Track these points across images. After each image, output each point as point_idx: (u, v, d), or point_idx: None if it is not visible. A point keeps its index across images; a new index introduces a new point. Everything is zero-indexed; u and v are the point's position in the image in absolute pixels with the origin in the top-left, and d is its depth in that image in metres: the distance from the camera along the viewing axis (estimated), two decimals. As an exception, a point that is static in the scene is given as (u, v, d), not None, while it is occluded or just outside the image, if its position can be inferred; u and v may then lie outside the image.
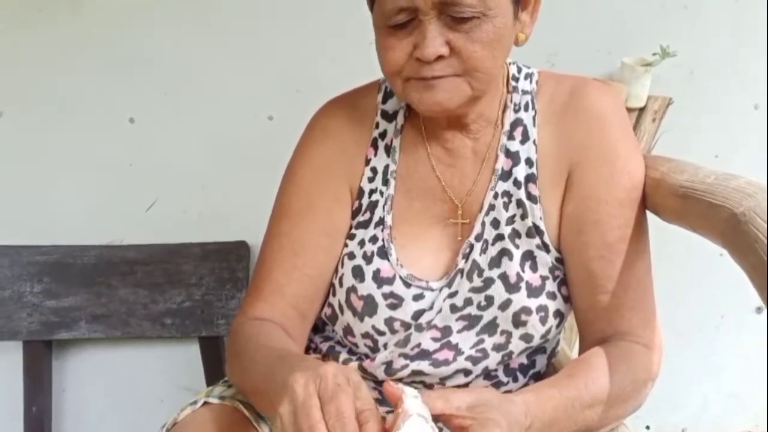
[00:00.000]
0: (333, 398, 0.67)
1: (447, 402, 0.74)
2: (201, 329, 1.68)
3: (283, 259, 0.99)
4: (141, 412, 1.73)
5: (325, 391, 0.68)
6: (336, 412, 0.66)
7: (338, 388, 0.67)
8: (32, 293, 1.66)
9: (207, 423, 0.91)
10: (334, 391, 0.67)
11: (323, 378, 0.68)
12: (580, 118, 0.95)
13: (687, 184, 0.88)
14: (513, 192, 0.96)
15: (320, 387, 0.68)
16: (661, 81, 1.59)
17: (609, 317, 0.94)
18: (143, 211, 1.71)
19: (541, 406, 0.82)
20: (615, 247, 0.93)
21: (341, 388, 0.67)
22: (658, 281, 0.97)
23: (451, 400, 0.75)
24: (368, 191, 1.00)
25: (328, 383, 0.68)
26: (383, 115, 1.02)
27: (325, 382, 0.68)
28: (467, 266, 0.95)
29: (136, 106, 1.67)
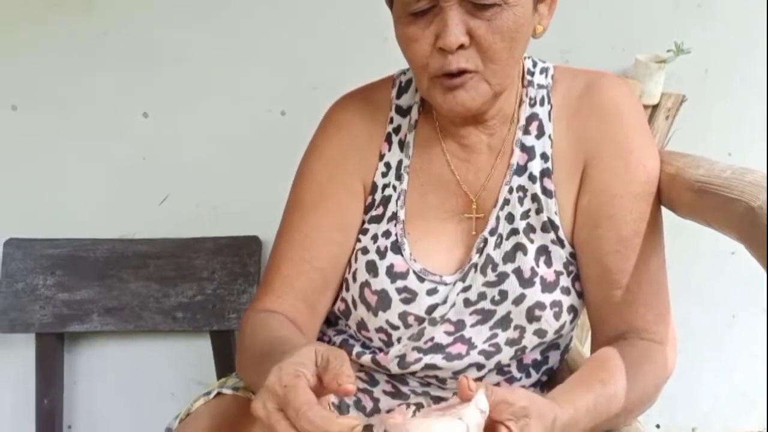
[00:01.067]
0: (287, 401, 0.66)
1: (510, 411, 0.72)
2: (212, 323, 1.68)
3: (294, 253, 0.99)
4: (152, 405, 1.73)
5: (279, 400, 0.67)
6: (295, 411, 0.65)
7: (286, 390, 0.67)
8: (45, 286, 1.67)
9: (220, 413, 0.91)
10: (284, 394, 0.66)
11: (271, 390, 0.68)
12: (596, 112, 0.95)
13: (703, 178, 0.88)
14: (528, 186, 0.96)
15: (275, 398, 0.67)
16: (674, 78, 1.58)
17: (623, 313, 0.94)
18: (156, 205, 1.72)
19: (575, 425, 0.81)
20: (630, 241, 0.93)
21: (288, 387, 0.67)
22: (669, 279, 0.97)
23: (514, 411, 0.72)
24: (381, 186, 1.00)
25: (277, 391, 0.67)
26: (397, 110, 1.02)
27: (275, 392, 0.67)
28: (481, 261, 0.95)
29: (150, 101, 1.68)
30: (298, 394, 0.66)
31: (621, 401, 0.86)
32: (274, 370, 0.69)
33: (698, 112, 1.61)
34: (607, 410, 0.84)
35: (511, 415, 0.71)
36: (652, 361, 0.91)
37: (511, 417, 0.71)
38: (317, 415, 0.65)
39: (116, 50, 1.64)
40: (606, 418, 0.85)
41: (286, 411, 0.66)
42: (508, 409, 0.71)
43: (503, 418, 0.71)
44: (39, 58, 1.64)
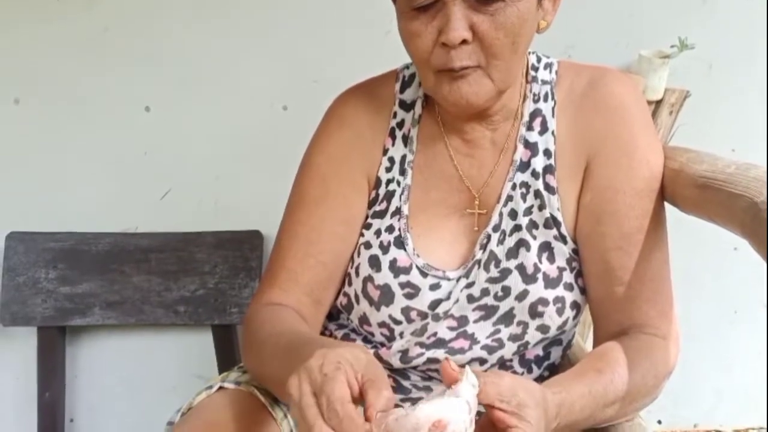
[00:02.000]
0: (322, 390, 0.66)
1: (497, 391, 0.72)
2: (214, 317, 1.68)
3: (298, 247, 0.99)
4: (153, 399, 1.73)
5: (314, 384, 0.67)
6: (327, 402, 0.65)
7: (325, 379, 0.66)
8: (47, 279, 1.67)
9: (222, 407, 0.91)
10: (322, 382, 0.66)
11: (310, 372, 0.68)
12: (599, 108, 0.95)
13: (707, 174, 0.87)
14: (531, 183, 0.96)
15: (311, 381, 0.67)
16: (678, 74, 1.58)
17: (625, 309, 0.93)
18: (158, 199, 1.72)
19: (571, 408, 0.81)
20: (632, 238, 0.93)
21: (328, 377, 0.66)
22: (672, 274, 0.97)
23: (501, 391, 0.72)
24: (385, 181, 1.00)
25: (316, 376, 0.67)
26: (401, 104, 1.02)
27: (313, 375, 0.67)
28: (484, 257, 0.95)
29: (152, 95, 1.68)
30: (336, 387, 0.66)
31: (619, 389, 0.85)
32: (318, 355, 0.69)
33: (702, 107, 1.61)
34: (604, 396, 0.84)
35: (500, 395, 0.71)
36: (652, 353, 0.91)
37: (500, 398, 0.71)
38: (349, 414, 0.65)
39: (118, 45, 1.64)
40: (603, 404, 0.85)
41: (319, 398, 0.66)
42: (495, 390, 0.71)
43: (492, 400, 0.71)
44: (41, 52, 1.64)
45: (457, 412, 0.65)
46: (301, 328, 0.91)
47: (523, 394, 0.72)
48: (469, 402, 0.66)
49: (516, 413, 0.71)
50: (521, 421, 0.70)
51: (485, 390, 0.71)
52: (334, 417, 0.65)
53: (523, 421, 0.70)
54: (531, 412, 0.71)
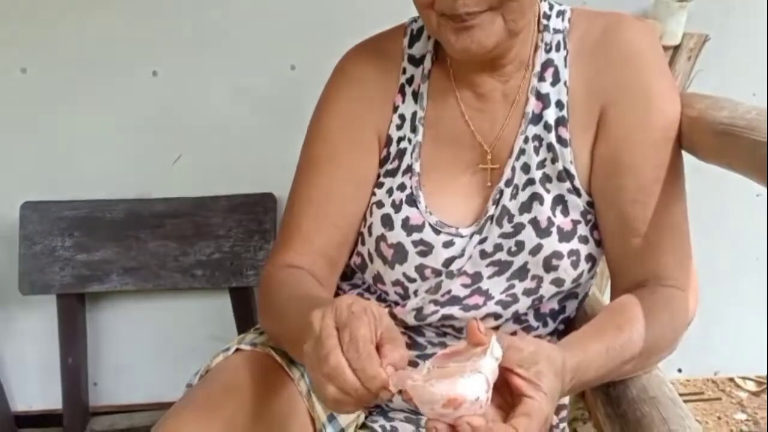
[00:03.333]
0: (347, 324, 0.66)
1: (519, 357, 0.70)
2: (231, 280, 1.69)
3: (311, 209, 0.98)
4: (174, 362, 1.75)
5: (339, 320, 0.67)
6: (349, 336, 0.65)
7: (352, 316, 0.66)
8: (63, 248, 1.68)
9: (240, 368, 0.92)
10: (348, 318, 0.66)
11: (338, 308, 0.68)
12: (613, 56, 0.92)
13: (726, 120, 0.85)
14: (543, 135, 0.94)
15: (336, 316, 0.67)
16: (697, 17, 1.53)
17: (643, 261, 0.92)
18: (169, 164, 1.72)
19: (587, 369, 0.79)
20: (649, 189, 0.91)
21: (355, 315, 0.66)
22: (692, 223, 0.95)
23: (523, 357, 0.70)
24: (396, 139, 0.98)
25: (343, 311, 0.67)
26: (410, 59, 0.99)
27: (339, 310, 0.67)
28: (497, 212, 0.94)
29: (158, 60, 1.66)
30: (361, 326, 0.65)
31: (637, 346, 0.84)
32: (346, 296, 0.69)
33: (721, 51, 1.56)
34: (621, 355, 0.83)
35: (521, 362, 0.69)
36: (672, 306, 0.89)
37: (521, 364, 0.69)
38: (366, 351, 0.64)
39: (123, 10, 1.62)
40: (621, 362, 0.83)
41: (341, 332, 0.66)
42: (517, 356, 0.70)
43: (512, 365, 0.69)
44: (45, 20, 1.62)
45: (475, 389, 0.63)
46: (320, 293, 0.91)
47: (544, 363, 0.70)
48: (488, 378, 0.65)
49: (533, 382, 0.69)
50: (537, 392, 0.69)
51: (507, 355, 0.69)
52: (353, 351, 0.64)
53: (539, 391, 0.69)
54: (548, 383, 0.70)
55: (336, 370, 0.64)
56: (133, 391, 1.84)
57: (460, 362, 0.67)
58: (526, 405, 0.68)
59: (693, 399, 1.86)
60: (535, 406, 0.68)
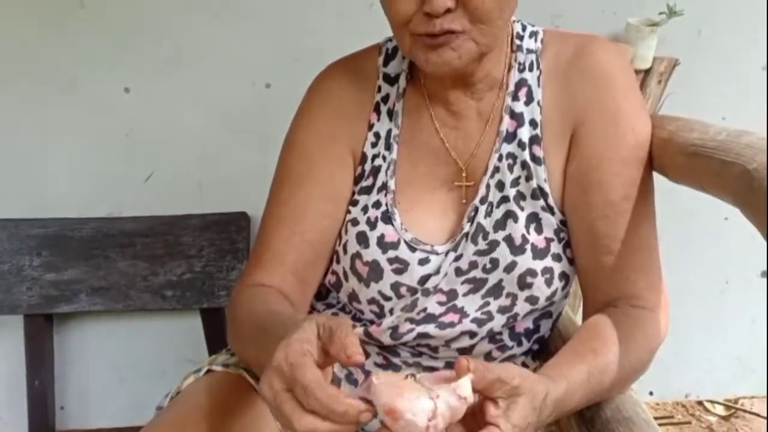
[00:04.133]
0: (294, 379, 0.65)
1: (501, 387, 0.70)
2: (202, 301, 1.67)
3: (283, 226, 0.97)
4: (144, 384, 1.73)
5: (286, 379, 0.65)
6: (302, 389, 0.64)
7: (293, 368, 0.65)
8: (31, 267, 1.65)
9: (211, 390, 0.90)
10: (291, 372, 0.65)
11: (278, 369, 0.66)
12: (585, 76, 0.93)
13: (697, 141, 0.86)
14: (518, 153, 0.94)
15: (281, 378, 0.66)
16: (667, 42, 1.56)
17: (614, 279, 0.92)
18: (141, 182, 1.70)
19: (570, 397, 0.79)
20: (619, 206, 0.91)
21: (295, 365, 0.65)
22: (662, 245, 0.95)
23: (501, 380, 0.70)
24: (371, 156, 0.98)
25: (284, 370, 0.65)
26: (385, 78, 1.00)
27: (281, 372, 0.66)
28: (472, 229, 0.94)
29: (131, 76, 1.64)
30: (306, 372, 0.64)
31: (614, 372, 0.84)
32: (280, 348, 0.67)
33: (691, 75, 1.59)
34: (600, 382, 0.83)
35: (503, 394, 0.70)
36: (644, 329, 0.90)
37: (502, 395, 0.69)
38: (324, 393, 0.63)
39: (95, 24, 1.60)
40: (600, 390, 0.84)
41: (294, 389, 0.65)
42: (502, 388, 0.70)
43: (493, 394, 0.69)
44: (16, 32, 1.60)
45: (415, 411, 0.64)
46: (277, 308, 0.89)
47: (524, 397, 0.70)
48: (437, 407, 0.65)
49: (505, 412, 0.69)
50: (506, 422, 0.69)
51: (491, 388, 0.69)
52: (313, 402, 0.63)
53: (507, 422, 0.69)
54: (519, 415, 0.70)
55: (309, 428, 0.64)
56: (102, 414, 1.80)
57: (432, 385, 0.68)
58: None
59: (663, 423, 1.87)
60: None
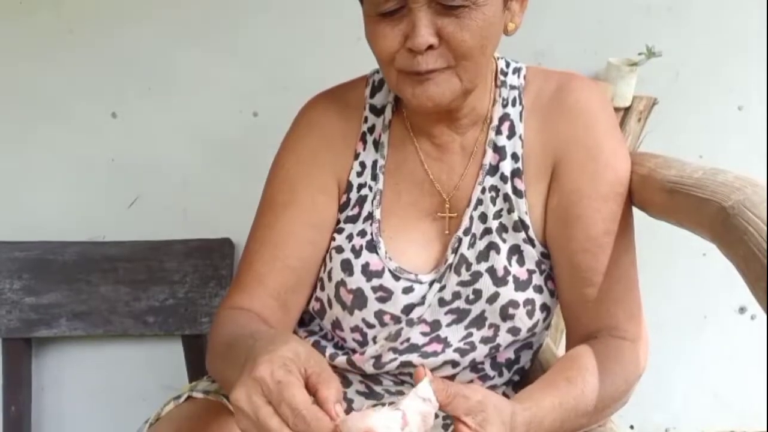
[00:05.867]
0: (281, 398, 0.64)
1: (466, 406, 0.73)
2: (184, 327, 1.66)
3: (265, 251, 0.98)
4: (122, 411, 1.69)
5: (270, 395, 0.65)
6: (290, 410, 0.64)
7: (280, 386, 0.64)
8: (11, 290, 1.63)
9: (191, 417, 0.90)
10: (279, 390, 0.64)
11: (262, 383, 0.65)
12: (566, 113, 0.95)
13: (675, 179, 0.88)
14: (500, 186, 0.96)
15: (264, 392, 0.65)
16: (646, 81, 1.59)
17: (595, 311, 0.94)
18: (125, 207, 1.69)
19: (540, 424, 0.80)
20: (599, 240, 0.93)
21: (283, 384, 0.65)
22: (641, 280, 0.97)
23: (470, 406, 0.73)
24: (357, 185, 1.00)
25: (270, 385, 0.65)
26: (371, 109, 1.01)
27: (266, 385, 0.65)
28: (455, 260, 0.95)
29: (118, 101, 1.65)
30: (296, 393, 0.64)
31: (590, 399, 0.85)
32: (263, 362, 0.66)
33: (670, 114, 1.63)
34: (575, 408, 0.84)
35: (468, 410, 0.72)
36: (622, 359, 0.91)
37: (468, 412, 0.71)
38: (314, 416, 0.64)
39: (83, 49, 1.62)
40: (575, 416, 0.85)
41: (278, 408, 0.65)
42: (465, 404, 0.71)
43: (459, 413, 0.71)
44: (4, 56, 1.61)
45: (386, 423, 0.65)
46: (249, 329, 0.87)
47: (491, 411, 0.73)
48: (406, 413, 0.67)
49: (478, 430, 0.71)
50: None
51: (455, 403, 0.71)
52: (301, 423, 0.63)
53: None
54: (494, 430, 0.72)
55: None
56: (78, 441, 1.77)
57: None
58: None
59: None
60: None
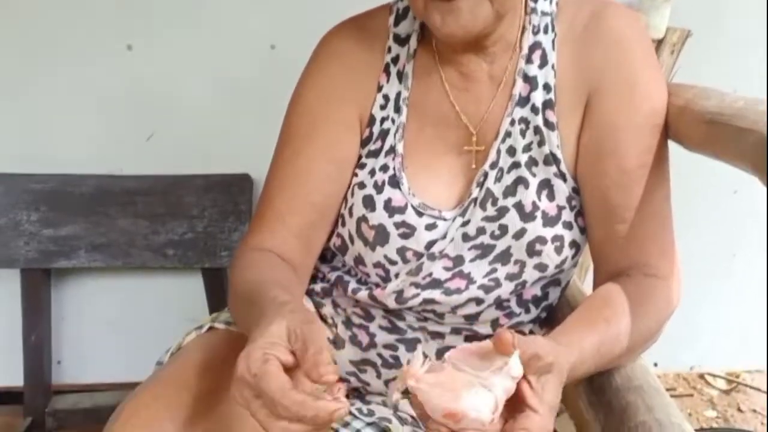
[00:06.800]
0: (261, 391, 0.64)
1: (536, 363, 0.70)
2: (204, 260, 1.66)
3: (286, 187, 0.96)
4: (141, 342, 1.71)
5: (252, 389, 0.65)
6: (269, 400, 0.63)
7: (257, 379, 0.64)
8: (29, 221, 1.63)
9: (212, 347, 0.90)
10: (256, 384, 0.64)
11: (243, 381, 0.65)
12: (601, 42, 0.91)
13: (714, 109, 0.84)
14: (530, 118, 0.92)
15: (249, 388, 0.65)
16: (680, 13, 1.53)
17: (626, 248, 0.91)
18: (143, 140, 1.68)
19: (580, 366, 0.79)
20: (633, 174, 0.90)
21: (258, 375, 0.64)
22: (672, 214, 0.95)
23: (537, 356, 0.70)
24: (380, 119, 0.96)
25: (249, 381, 0.65)
26: (395, 38, 0.97)
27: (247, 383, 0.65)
28: (481, 195, 0.92)
29: (134, 33, 1.62)
30: (270, 382, 0.64)
31: (624, 341, 0.84)
32: (241, 358, 0.66)
33: (703, 47, 1.56)
34: (611, 351, 0.83)
35: (537, 371, 0.70)
36: (655, 298, 0.89)
37: (536, 372, 0.70)
38: (292, 401, 0.63)
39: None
40: (609, 359, 0.84)
41: (263, 399, 0.64)
42: (536, 364, 0.70)
43: (529, 372, 0.69)
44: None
45: (477, 407, 0.63)
46: (270, 276, 0.87)
47: (554, 374, 0.71)
48: (497, 397, 0.64)
49: (539, 394, 0.69)
50: (541, 404, 0.69)
51: (528, 364, 0.69)
52: (282, 410, 0.63)
53: (543, 404, 0.69)
54: (551, 394, 0.70)
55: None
56: (98, 370, 1.80)
57: (476, 369, 0.66)
58: (529, 419, 0.68)
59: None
60: (536, 421, 0.68)
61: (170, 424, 0.76)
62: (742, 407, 1.89)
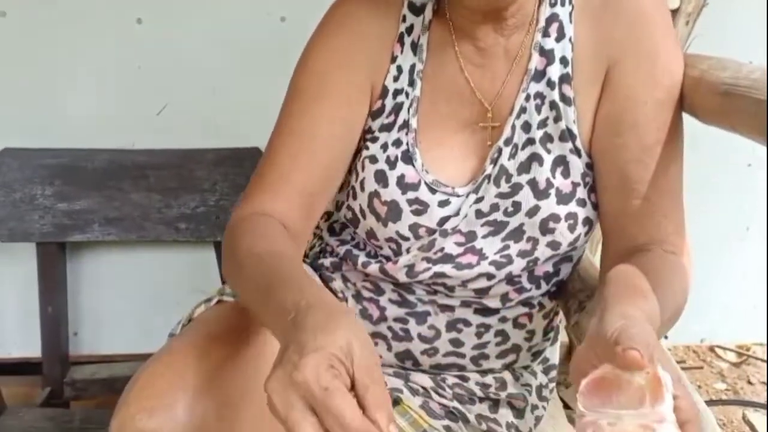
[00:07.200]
0: (327, 409, 0.59)
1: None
2: (216, 234, 1.67)
3: (291, 143, 0.92)
4: (156, 313, 1.73)
5: (314, 402, 0.59)
6: (335, 422, 0.58)
7: (326, 394, 0.59)
8: (44, 196, 1.64)
9: (222, 319, 0.89)
10: (324, 399, 0.59)
11: (306, 390, 0.59)
12: (620, 14, 0.89)
13: (730, 80, 0.83)
14: (546, 93, 0.91)
15: (307, 396, 0.60)
16: (696, -19, 1.50)
17: (643, 223, 0.90)
18: (154, 114, 1.67)
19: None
20: (652, 150, 0.89)
21: (329, 391, 0.59)
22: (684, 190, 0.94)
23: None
24: (393, 91, 0.94)
25: (315, 393, 0.59)
26: (410, 7, 0.94)
27: (310, 392, 0.59)
28: (495, 171, 0.92)
29: (143, 6, 1.60)
30: (346, 405, 0.59)
31: (663, 314, 0.79)
32: (309, 361, 0.60)
33: (719, 18, 1.54)
34: (654, 324, 0.80)
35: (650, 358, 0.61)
36: (680, 272, 0.88)
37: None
38: (364, 429, 0.58)
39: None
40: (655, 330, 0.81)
41: (323, 416, 0.59)
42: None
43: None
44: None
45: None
46: (282, 249, 0.82)
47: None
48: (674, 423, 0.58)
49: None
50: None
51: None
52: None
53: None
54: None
55: None
56: (114, 341, 1.82)
57: (623, 407, 0.59)
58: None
59: (675, 367, 1.89)
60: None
61: (182, 393, 0.77)
62: (752, 380, 1.90)
